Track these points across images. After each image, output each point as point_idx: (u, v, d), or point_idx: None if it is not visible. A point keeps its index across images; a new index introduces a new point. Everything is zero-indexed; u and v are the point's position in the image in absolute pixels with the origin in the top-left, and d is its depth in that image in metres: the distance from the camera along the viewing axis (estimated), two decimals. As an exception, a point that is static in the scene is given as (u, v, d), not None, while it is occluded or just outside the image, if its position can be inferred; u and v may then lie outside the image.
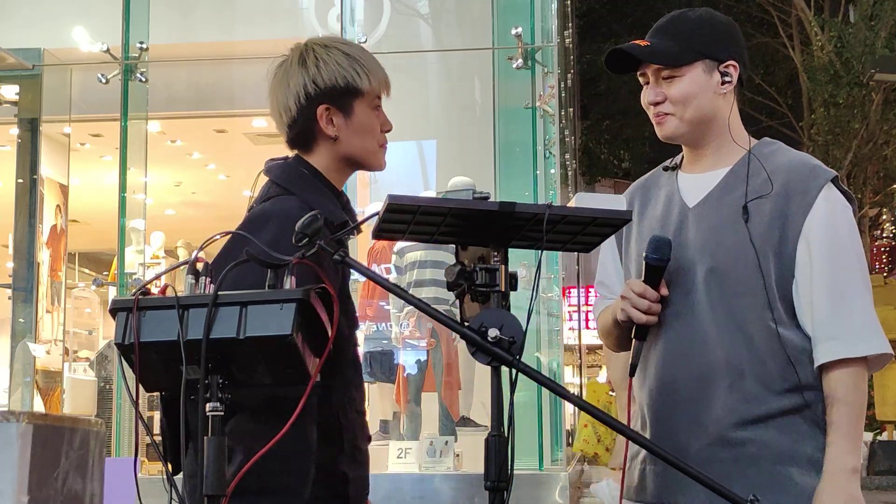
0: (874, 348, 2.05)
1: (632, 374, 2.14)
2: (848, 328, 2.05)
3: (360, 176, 8.33)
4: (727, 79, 2.18)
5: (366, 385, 9.08)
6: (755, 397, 2.06)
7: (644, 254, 2.09)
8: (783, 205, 2.10)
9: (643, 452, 2.17)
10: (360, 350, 8.73)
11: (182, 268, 1.71)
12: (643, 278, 2.10)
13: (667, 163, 2.32)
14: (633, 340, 2.13)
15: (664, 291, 2.11)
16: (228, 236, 1.92)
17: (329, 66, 2.11)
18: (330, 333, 1.69)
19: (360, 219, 1.99)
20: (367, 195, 8.38)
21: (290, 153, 2.23)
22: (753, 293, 2.07)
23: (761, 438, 2.05)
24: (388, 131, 2.21)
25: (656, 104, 2.19)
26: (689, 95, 2.16)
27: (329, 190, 2.14)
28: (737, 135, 2.21)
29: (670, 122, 2.19)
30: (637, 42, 2.19)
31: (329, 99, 2.11)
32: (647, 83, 2.22)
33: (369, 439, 2.20)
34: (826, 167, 2.17)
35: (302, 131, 2.15)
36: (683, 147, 2.27)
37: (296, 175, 2.13)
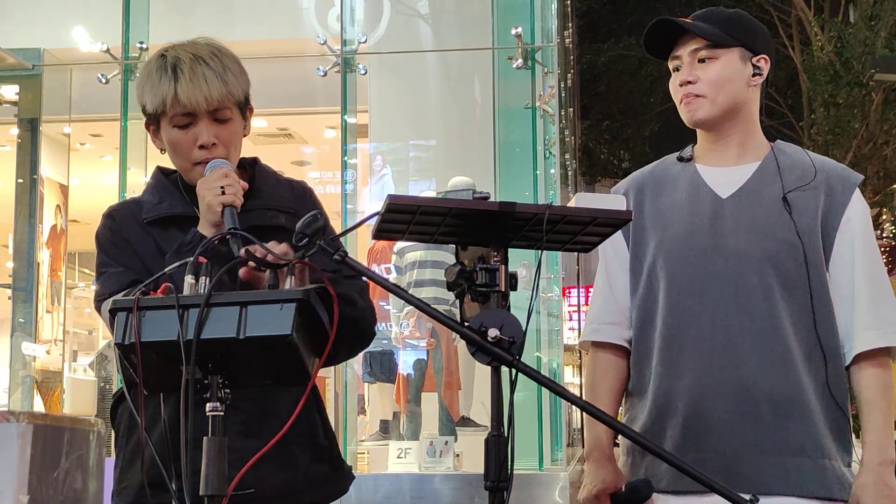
0: None
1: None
2: (886, 319, 2.12)
3: (361, 176, 8.32)
4: (758, 72, 2.21)
5: (366, 385, 9.02)
6: (798, 386, 2.09)
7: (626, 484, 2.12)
8: (824, 198, 2.14)
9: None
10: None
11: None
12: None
13: (681, 153, 2.31)
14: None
15: None
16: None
17: (139, 86, 2.13)
18: (330, 334, 1.69)
19: (359, 219, 1.99)
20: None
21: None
22: (801, 283, 2.11)
23: (804, 431, 2.08)
24: (205, 146, 2.07)
25: (688, 83, 2.18)
26: (724, 79, 2.18)
27: (184, 192, 2.15)
28: (759, 131, 2.25)
29: (701, 106, 2.18)
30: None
31: (146, 117, 2.15)
32: (677, 69, 2.22)
33: None
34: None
35: None
36: (703, 137, 2.27)
37: (151, 176, 2.25)
